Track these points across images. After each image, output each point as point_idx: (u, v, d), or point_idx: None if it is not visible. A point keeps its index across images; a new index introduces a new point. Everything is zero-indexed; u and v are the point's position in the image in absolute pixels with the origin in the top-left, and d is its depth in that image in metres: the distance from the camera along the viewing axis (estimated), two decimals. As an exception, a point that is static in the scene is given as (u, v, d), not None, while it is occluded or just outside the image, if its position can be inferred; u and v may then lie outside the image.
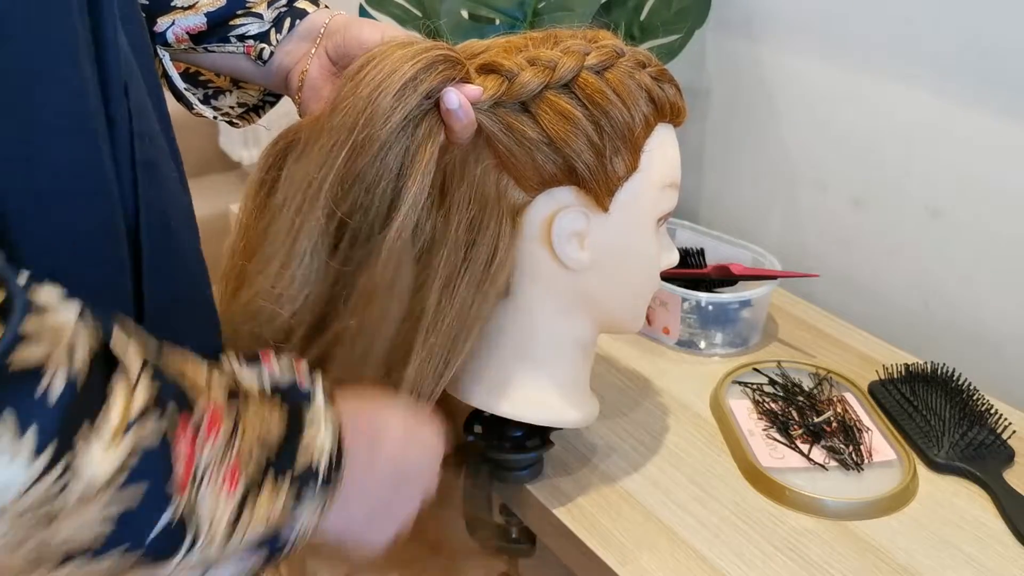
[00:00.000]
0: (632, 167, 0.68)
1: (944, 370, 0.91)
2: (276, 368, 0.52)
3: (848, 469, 0.82)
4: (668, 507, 0.78)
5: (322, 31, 0.70)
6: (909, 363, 0.93)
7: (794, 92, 1.14)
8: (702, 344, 1.01)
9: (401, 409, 0.60)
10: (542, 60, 0.65)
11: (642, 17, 1.14)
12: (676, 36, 1.13)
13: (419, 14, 1.16)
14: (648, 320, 1.02)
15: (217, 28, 0.69)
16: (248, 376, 0.50)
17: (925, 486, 0.81)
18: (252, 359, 0.52)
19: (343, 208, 0.61)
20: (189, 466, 0.42)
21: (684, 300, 0.99)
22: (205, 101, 0.75)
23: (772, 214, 1.21)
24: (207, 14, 0.68)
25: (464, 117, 0.61)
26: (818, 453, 0.83)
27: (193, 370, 0.46)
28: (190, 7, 0.68)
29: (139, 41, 0.54)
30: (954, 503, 0.79)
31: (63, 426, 0.37)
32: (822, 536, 0.75)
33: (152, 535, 0.41)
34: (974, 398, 0.88)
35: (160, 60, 0.71)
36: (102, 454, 0.38)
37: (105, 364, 0.40)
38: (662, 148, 0.69)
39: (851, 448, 0.83)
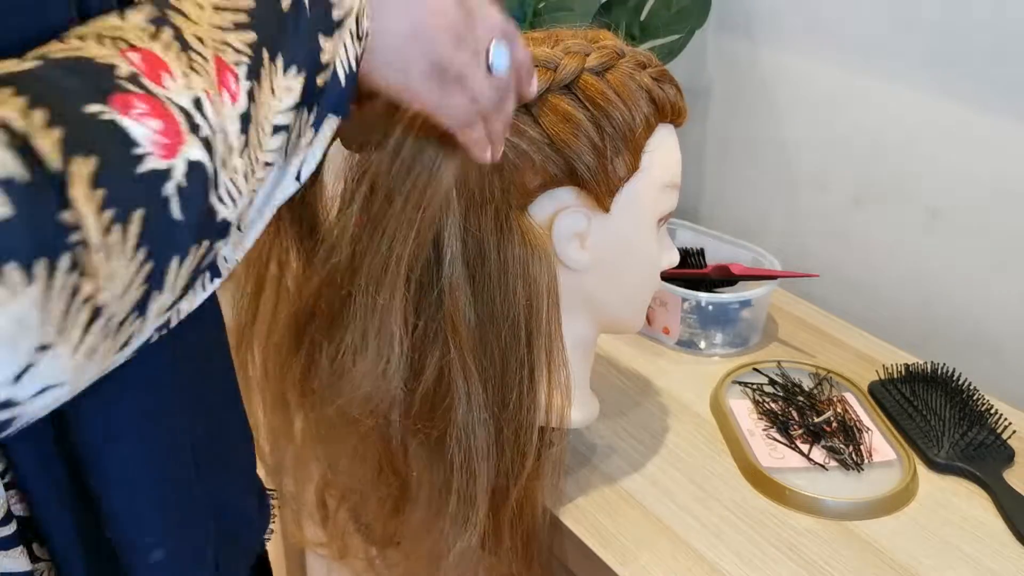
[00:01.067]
0: (633, 167, 0.68)
1: (944, 370, 0.91)
2: None
3: (848, 469, 0.82)
4: (668, 507, 0.78)
5: None
6: (909, 363, 0.93)
7: (794, 92, 1.14)
8: (702, 344, 1.01)
9: None
10: (543, 62, 0.65)
11: (642, 17, 1.14)
12: (676, 36, 1.13)
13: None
14: (648, 320, 1.02)
15: None
16: None
17: (925, 486, 0.81)
18: None
19: (415, 273, 0.61)
20: (165, 117, 0.34)
21: (684, 300, 0.99)
22: None
23: (772, 214, 1.21)
24: None
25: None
26: (818, 453, 0.83)
27: (94, 48, 0.36)
28: None
29: None
30: (954, 503, 0.79)
31: (39, 231, 0.30)
32: (822, 536, 0.75)
33: (175, 214, 0.34)
34: (974, 398, 0.88)
35: None
36: (80, 218, 0.31)
37: None
38: (663, 148, 0.69)
39: (851, 448, 0.83)
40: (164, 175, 0.34)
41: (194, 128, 0.35)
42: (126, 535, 0.46)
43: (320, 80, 0.41)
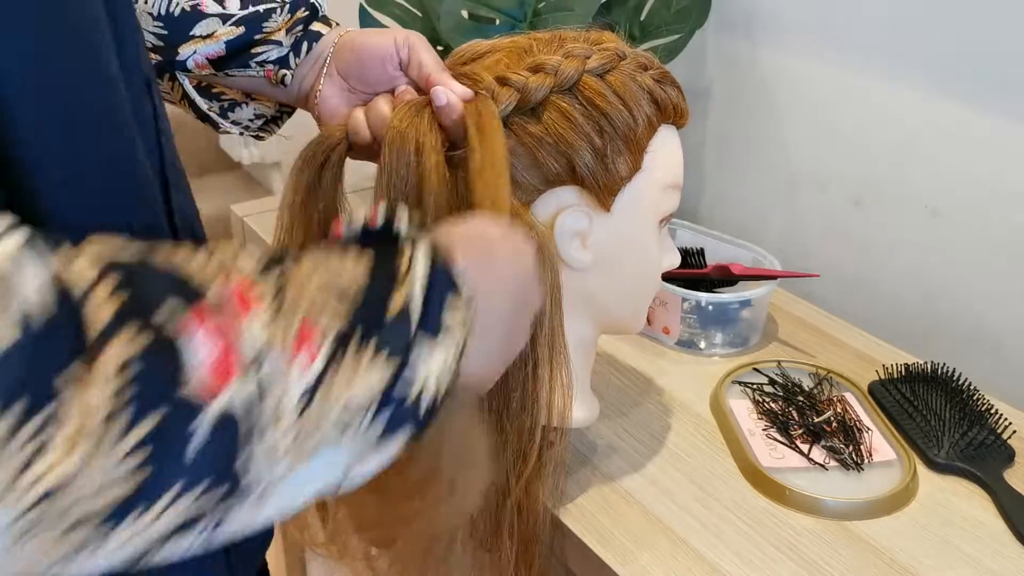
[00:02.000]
0: (635, 168, 0.68)
1: (944, 370, 0.91)
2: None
3: (848, 469, 0.82)
4: (668, 507, 0.78)
5: (331, 50, 0.71)
6: (909, 363, 0.93)
7: (794, 92, 1.14)
8: (702, 344, 1.01)
9: (488, 219, 0.53)
10: (546, 66, 0.66)
11: (642, 17, 1.14)
12: (676, 36, 1.13)
13: (419, 14, 1.16)
14: (648, 320, 1.02)
15: (237, 55, 0.69)
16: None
17: (925, 486, 0.81)
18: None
19: None
20: (227, 353, 0.33)
21: (684, 300, 0.99)
22: (222, 114, 0.75)
23: (772, 214, 1.21)
24: (227, 42, 0.69)
25: (453, 112, 0.62)
26: (818, 453, 0.83)
27: (201, 260, 0.36)
28: (209, 36, 0.69)
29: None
30: (954, 503, 0.79)
31: (28, 370, 0.29)
32: (822, 536, 0.75)
33: (190, 452, 0.33)
34: (974, 398, 0.88)
35: (181, 84, 0.71)
36: (85, 390, 0.30)
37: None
38: (665, 149, 0.70)
39: (851, 448, 0.83)
40: (196, 410, 0.33)
41: (257, 365, 0.34)
42: None
43: (404, 391, 0.39)
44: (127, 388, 0.31)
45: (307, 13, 0.71)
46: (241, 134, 0.77)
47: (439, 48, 1.17)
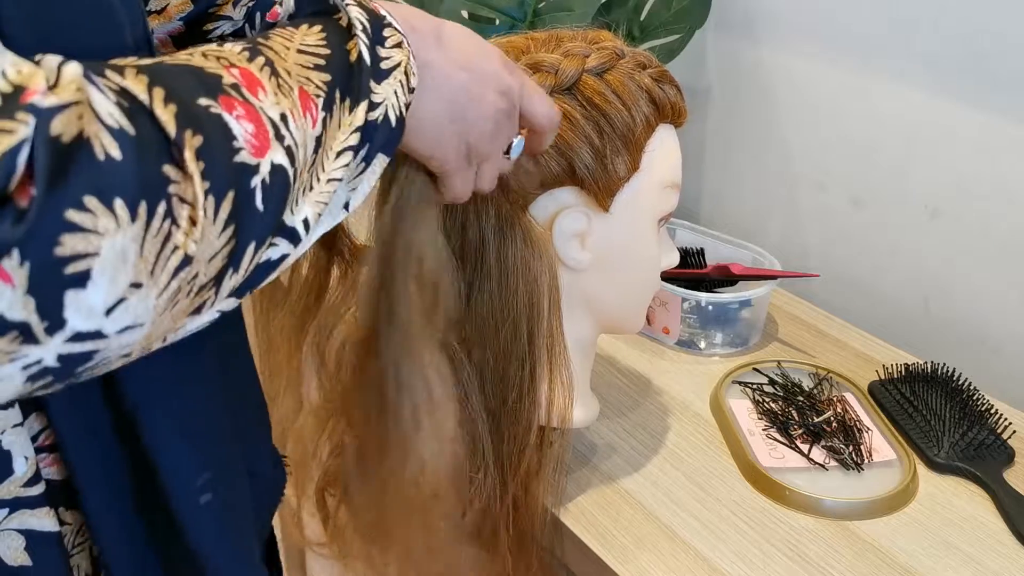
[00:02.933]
0: (633, 168, 0.68)
1: (944, 370, 0.91)
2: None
3: (848, 469, 0.82)
4: (668, 507, 0.78)
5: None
6: (909, 363, 0.93)
7: (794, 92, 1.14)
8: (702, 344, 1.01)
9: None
10: (545, 66, 0.65)
11: (642, 17, 1.14)
12: (676, 36, 1.13)
13: (419, 14, 1.16)
14: (648, 320, 1.02)
15: (194, 28, 0.69)
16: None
17: (925, 486, 0.81)
18: None
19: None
20: (258, 122, 0.39)
21: (684, 300, 0.99)
22: None
23: (772, 214, 1.21)
24: (180, 18, 0.69)
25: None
26: (818, 453, 0.83)
27: (199, 57, 0.41)
28: (162, 11, 0.69)
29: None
30: (954, 503, 0.79)
31: (143, 175, 0.33)
32: (822, 536, 0.75)
33: (258, 203, 0.38)
34: (974, 398, 0.88)
35: None
36: (185, 180, 0.35)
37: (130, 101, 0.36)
38: (663, 149, 0.70)
39: (851, 448, 0.83)
40: (253, 170, 0.38)
41: (279, 138, 0.40)
42: (178, 480, 0.48)
43: (373, 117, 0.47)
44: (207, 175, 0.36)
45: None
46: None
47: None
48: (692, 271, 1.05)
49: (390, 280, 0.57)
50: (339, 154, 0.45)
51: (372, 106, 0.47)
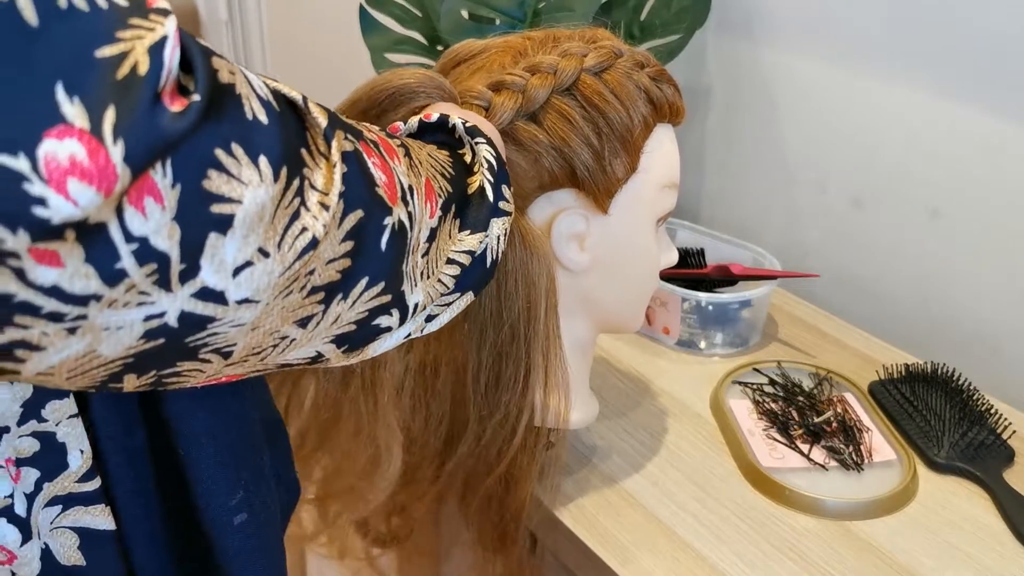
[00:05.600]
0: (631, 168, 0.68)
1: (944, 370, 0.91)
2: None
3: (848, 469, 0.82)
4: (668, 507, 0.78)
5: None
6: (909, 363, 0.93)
7: (794, 92, 1.14)
8: (702, 344, 1.01)
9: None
10: (543, 67, 0.65)
11: (642, 17, 1.14)
12: (676, 36, 1.13)
13: (419, 14, 1.16)
14: (648, 320, 1.02)
15: None
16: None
17: (925, 486, 0.81)
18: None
19: None
20: (391, 177, 0.41)
21: (684, 300, 0.99)
22: None
23: (772, 214, 1.21)
24: None
25: None
26: (818, 453, 0.83)
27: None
28: None
29: None
30: (954, 503, 0.79)
31: (284, 147, 0.35)
32: (822, 536, 0.75)
33: (383, 244, 0.40)
34: (974, 398, 0.88)
35: None
36: (320, 171, 0.37)
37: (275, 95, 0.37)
38: (661, 149, 0.69)
39: (851, 448, 0.83)
40: (387, 209, 0.40)
41: (405, 201, 0.42)
42: (213, 498, 0.48)
43: (480, 248, 0.50)
44: (345, 180, 0.37)
45: None
46: None
47: (439, 48, 1.17)
48: (692, 271, 1.05)
49: None
50: (448, 262, 0.47)
51: (484, 238, 0.49)
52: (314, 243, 0.35)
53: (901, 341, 1.03)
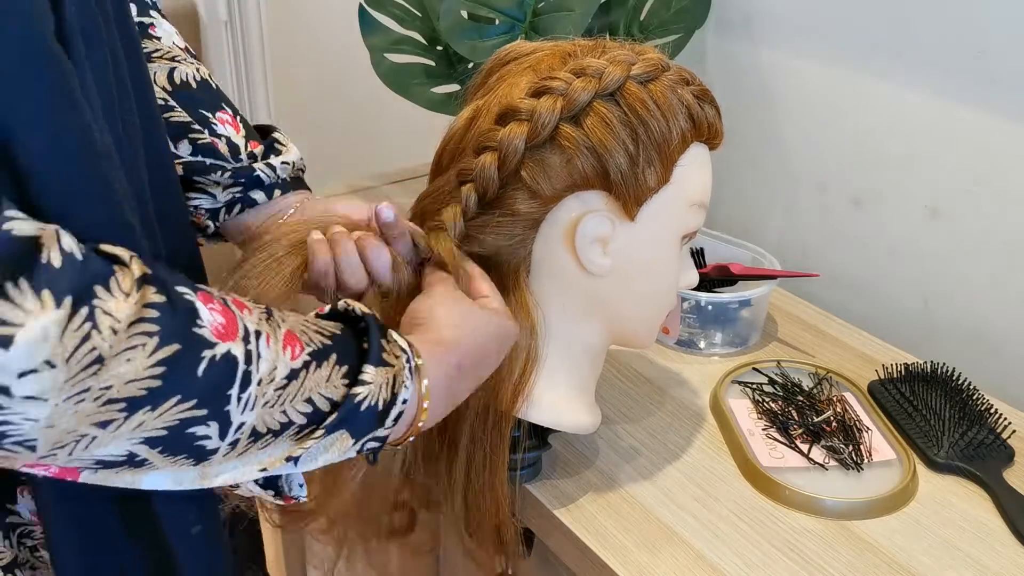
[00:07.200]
0: (663, 179, 0.68)
1: (944, 370, 0.91)
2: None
3: (848, 469, 0.82)
4: (668, 507, 0.78)
5: (291, 210, 0.72)
6: (909, 363, 0.93)
7: (794, 92, 1.14)
8: (702, 344, 1.01)
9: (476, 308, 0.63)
10: (590, 70, 0.66)
11: (642, 17, 1.14)
12: (676, 36, 1.13)
13: (419, 14, 1.16)
14: (648, 320, 1.02)
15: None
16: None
17: (925, 486, 0.81)
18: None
19: None
20: (230, 320, 0.45)
21: (684, 300, 0.99)
22: None
23: (772, 214, 1.21)
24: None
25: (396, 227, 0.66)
26: (818, 453, 0.83)
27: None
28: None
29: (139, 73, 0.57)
30: (954, 503, 0.79)
31: (75, 284, 0.39)
32: (822, 536, 0.75)
33: (201, 370, 0.44)
34: (974, 398, 0.88)
35: None
36: (118, 303, 0.41)
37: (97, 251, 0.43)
38: (695, 165, 0.70)
39: (851, 448, 0.83)
40: (208, 344, 0.44)
41: (246, 340, 0.46)
42: (174, 518, 0.57)
43: (355, 392, 0.51)
44: (151, 321, 0.42)
45: (244, 184, 0.72)
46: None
47: (439, 48, 1.17)
48: (692, 271, 1.05)
49: None
50: (307, 401, 0.49)
51: (357, 383, 0.51)
52: (100, 359, 0.40)
53: (901, 341, 1.03)
